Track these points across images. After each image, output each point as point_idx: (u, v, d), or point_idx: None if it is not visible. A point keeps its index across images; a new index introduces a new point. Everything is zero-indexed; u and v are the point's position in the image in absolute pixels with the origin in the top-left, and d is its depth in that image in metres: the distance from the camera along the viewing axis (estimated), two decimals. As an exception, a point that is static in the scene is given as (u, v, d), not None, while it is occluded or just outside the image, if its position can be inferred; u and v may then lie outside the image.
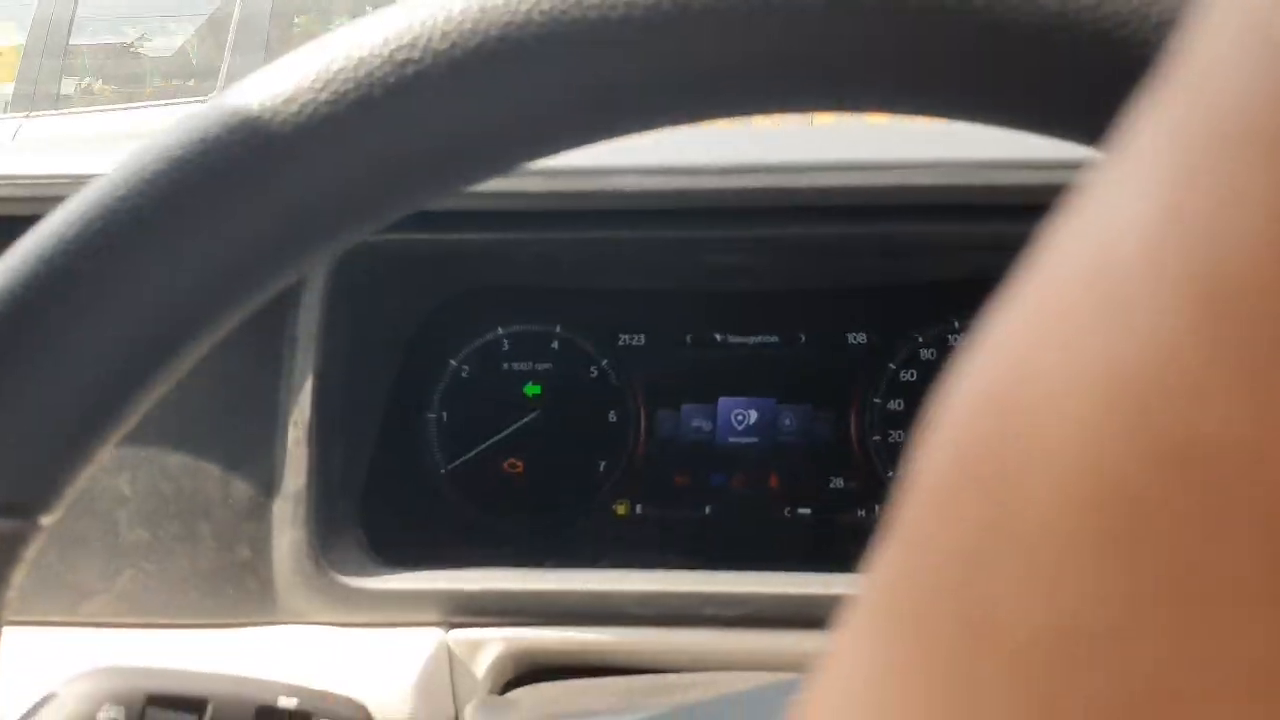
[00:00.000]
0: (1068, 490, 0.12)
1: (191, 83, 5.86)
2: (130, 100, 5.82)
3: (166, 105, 5.26)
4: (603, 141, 0.39)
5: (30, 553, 0.36)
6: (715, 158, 0.90)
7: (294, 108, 0.34)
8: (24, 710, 0.63)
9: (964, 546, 0.13)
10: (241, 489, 0.98)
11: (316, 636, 0.96)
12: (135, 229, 0.32)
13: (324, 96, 0.34)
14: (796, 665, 0.96)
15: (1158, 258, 0.11)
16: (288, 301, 0.98)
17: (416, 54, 0.34)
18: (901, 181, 0.86)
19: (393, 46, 0.34)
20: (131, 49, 6.51)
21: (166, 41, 6.43)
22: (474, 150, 0.37)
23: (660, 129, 0.41)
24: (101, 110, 5.59)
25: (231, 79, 5.49)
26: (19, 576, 0.37)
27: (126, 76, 6.37)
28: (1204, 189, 0.11)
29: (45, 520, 0.34)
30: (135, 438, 1.00)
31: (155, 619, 0.98)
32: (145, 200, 0.32)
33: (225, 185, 0.33)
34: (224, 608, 0.98)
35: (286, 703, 0.65)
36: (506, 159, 0.39)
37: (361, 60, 0.34)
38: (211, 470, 0.98)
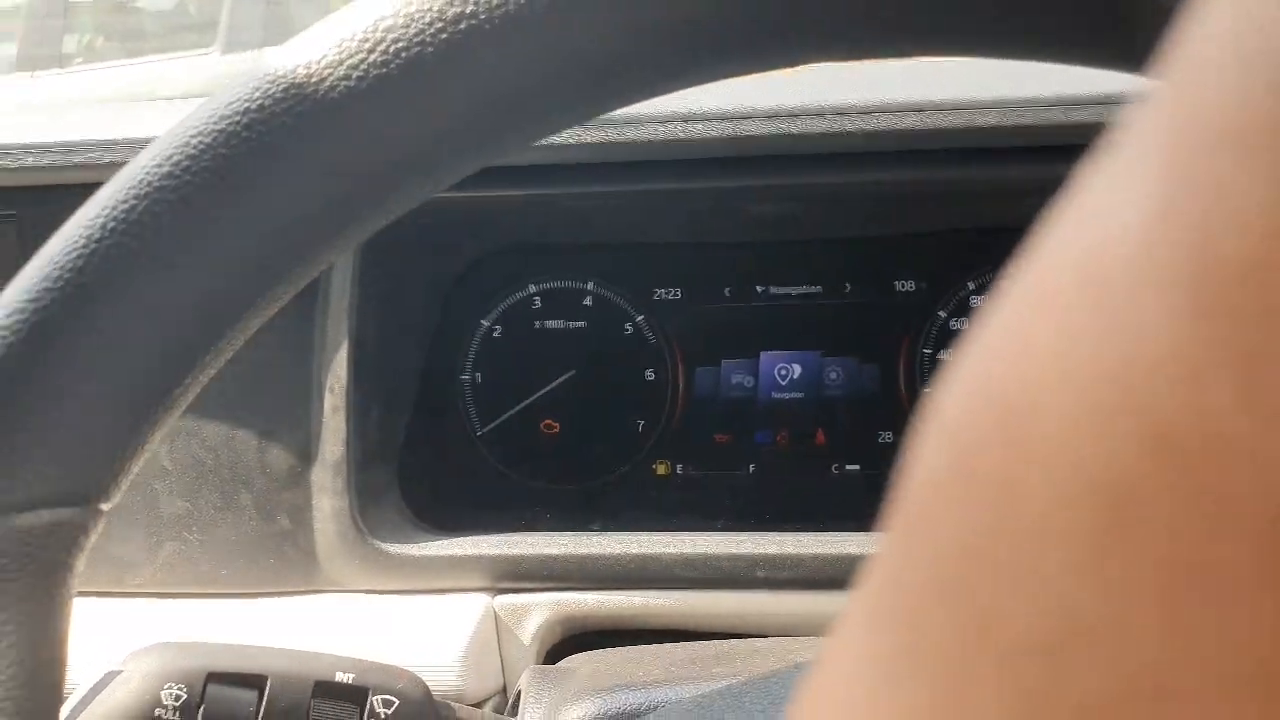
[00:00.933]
0: (1062, 485, 0.12)
1: (193, 35, 5.78)
2: (133, 55, 5.77)
3: (170, 59, 5.21)
4: (681, 88, 0.36)
5: (91, 539, 0.34)
6: (754, 103, 0.85)
7: (344, 70, 0.31)
8: (87, 686, 0.62)
9: (959, 542, 0.13)
10: (280, 458, 0.96)
11: (360, 605, 0.95)
12: (192, 202, 0.30)
13: (375, 58, 0.31)
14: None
15: (1150, 254, 0.11)
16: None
17: (469, 7, 0.31)
18: (952, 123, 0.81)
19: (442, 1, 0.31)
20: (130, 4, 6.43)
21: (164, -5, 6.35)
22: (538, 101, 0.34)
23: (737, 75, 0.37)
24: (107, 67, 5.54)
25: (231, 31, 5.43)
26: (81, 562, 0.35)
27: (127, 31, 6.29)
28: (1195, 186, 0.11)
29: (105, 506, 0.33)
30: (168, 407, 0.98)
31: (199, 589, 0.97)
32: (207, 168, 0.29)
33: (286, 151, 0.30)
34: (266, 577, 0.97)
35: (344, 677, 0.64)
36: (574, 110, 0.36)
37: (411, 17, 0.31)
38: (249, 440, 0.96)
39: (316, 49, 0.30)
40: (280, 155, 0.30)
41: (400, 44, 0.31)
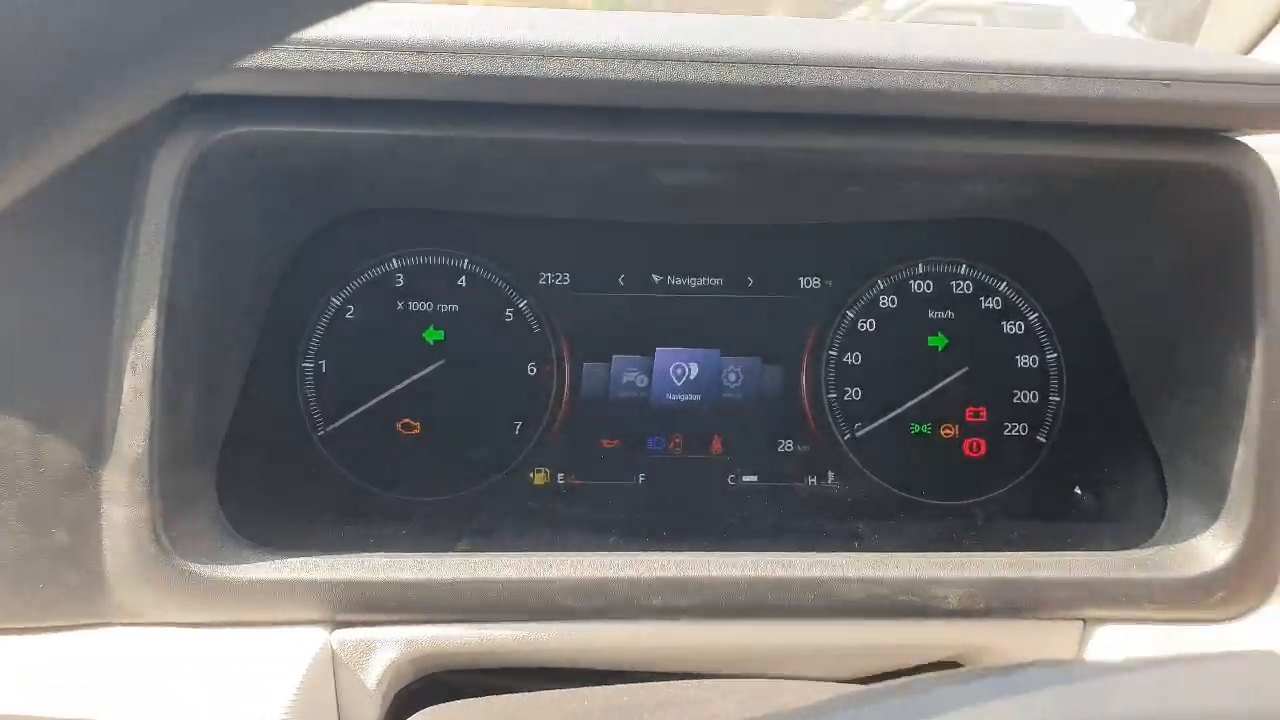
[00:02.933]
0: None
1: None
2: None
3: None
4: None
5: None
6: (681, 42, 0.71)
7: None
8: None
9: None
10: (59, 453, 0.75)
11: (161, 642, 0.76)
12: None
13: None
14: (760, 664, 0.83)
15: None
16: (124, 208, 0.75)
17: None
18: (912, 85, 0.70)
19: None
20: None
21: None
22: None
23: None
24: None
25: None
26: None
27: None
28: None
29: None
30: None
31: (-64, 622, 0.75)
32: None
33: None
34: (34, 608, 0.76)
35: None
36: None
37: None
38: (18, 429, 0.75)
39: None
40: None
41: None
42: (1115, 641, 0.78)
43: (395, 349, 0.98)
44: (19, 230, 0.75)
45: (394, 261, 0.99)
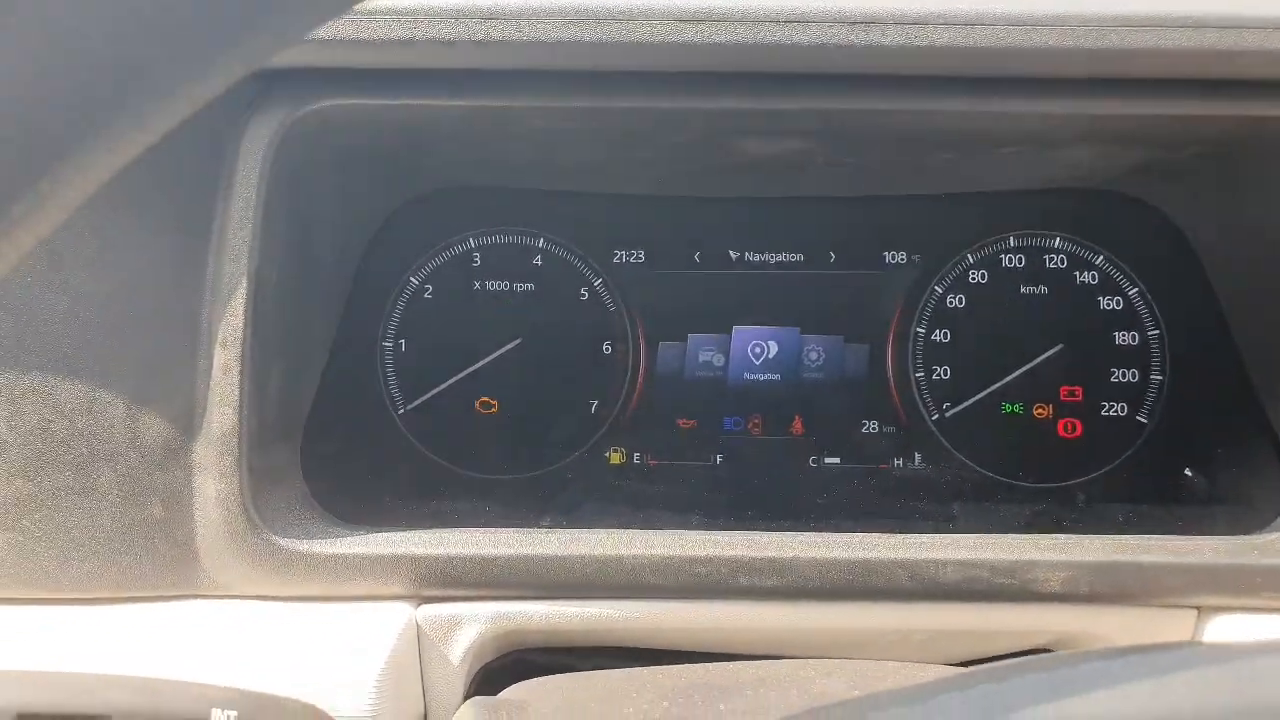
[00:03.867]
0: None
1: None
2: None
3: None
4: None
5: None
6: (759, 3, 0.68)
7: None
8: None
9: None
10: (153, 428, 0.77)
11: (250, 614, 0.77)
12: None
13: None
14: (847, 647, 0.80)
15: None
16: (214, 185, 0.76)
17: None
18: (1012, 41, 0.67)
19: None
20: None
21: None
22: None
23: None
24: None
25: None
26: None
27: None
28: None
29: None
30: (14, 360, 0.77)
31: (40, 592, 0.77)
32: None
33: None
34: (130, 578, 0.77)
35: (223, 715, 0.46)
36: None
37: None
38: (114, 404, 0.77)
39: None
40: None
41: None
42: (1232, 632, 0.74)
43: (473, 328, 0.98)
44: (111, 209, 0.77)
45: (471, 241, 0.99)
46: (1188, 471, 0.91)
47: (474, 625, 0.77)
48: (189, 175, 0.77)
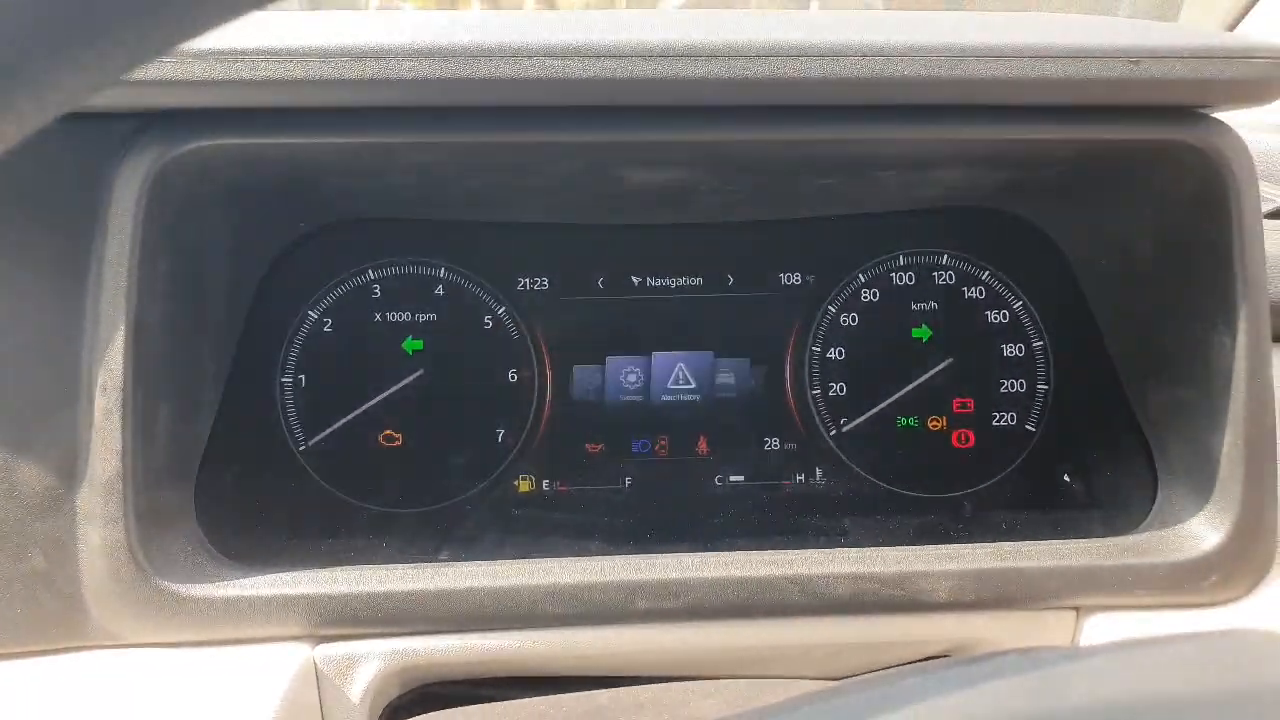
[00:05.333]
0: None
1: None
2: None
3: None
4: None
5: None
6: (639, 37, 0.70)
7: None
8: None
9: None
10: (32, 476, 0.75)
11: (143, 663, 0.75)
12: None
13: None
14: (750, 665, 0.81)
15: None
16: (90, 228, 0.74)
17: None
18: (878, 72, 0.70)
19: None
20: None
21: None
22: None
23: None
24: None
25: None
26: None
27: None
28: None
29: None
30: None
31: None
32: None
33: None
34: (13, 632, 0.75)
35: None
36: None
37: None
38: None
39: None
40: None
41: None
42: (1109, 630, 0.77)
43: (374, 360, 0.98)
44: (-16, 253, 0.75)
45: (370, 273, 0.99)
46: (1066, 477, 0.94)
47: (372, 663, 0.77)
48: (67, 216, 0.75)
